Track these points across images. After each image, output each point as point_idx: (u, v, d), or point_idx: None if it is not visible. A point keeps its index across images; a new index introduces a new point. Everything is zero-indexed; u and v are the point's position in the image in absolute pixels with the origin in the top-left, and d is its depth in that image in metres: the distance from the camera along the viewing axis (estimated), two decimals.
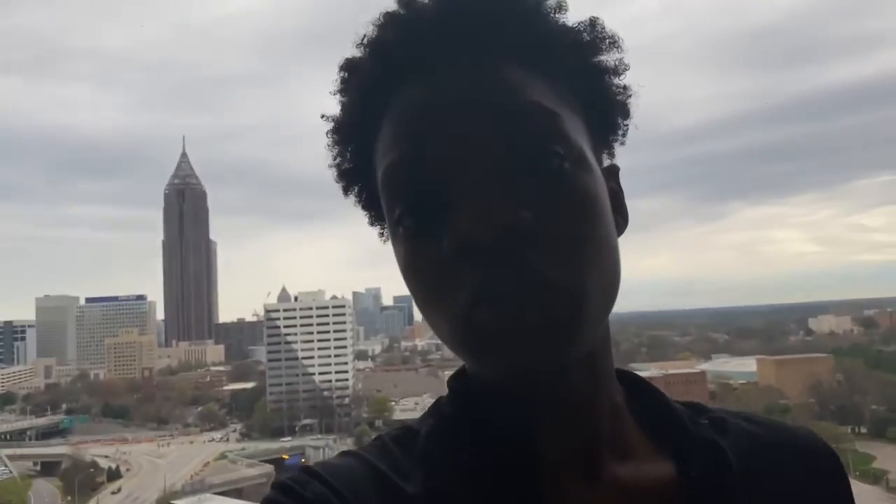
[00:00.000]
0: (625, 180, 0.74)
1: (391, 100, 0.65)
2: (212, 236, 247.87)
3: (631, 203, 0.72)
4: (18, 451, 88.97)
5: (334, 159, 0.73)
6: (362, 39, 0.68)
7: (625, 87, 0.71)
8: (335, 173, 0.73)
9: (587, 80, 0.68)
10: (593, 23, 0.68)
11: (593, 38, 0.68)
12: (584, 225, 0.60)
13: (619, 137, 0.74)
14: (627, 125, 0.73)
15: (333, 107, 0.71)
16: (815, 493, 0.73)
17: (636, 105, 0.72)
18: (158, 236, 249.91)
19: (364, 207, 0.75)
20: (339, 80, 0.70)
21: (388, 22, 0.66)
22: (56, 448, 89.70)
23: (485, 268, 0.56)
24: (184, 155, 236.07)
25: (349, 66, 0.69)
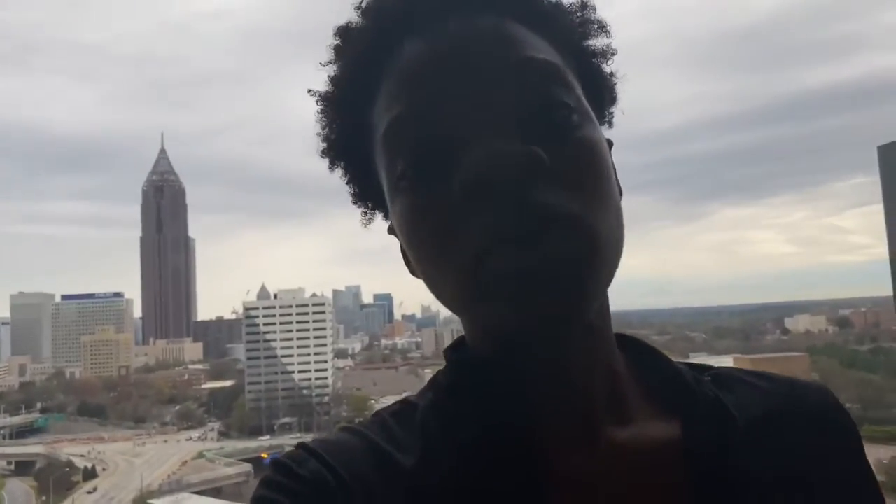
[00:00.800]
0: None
1: (389, 61, 0.63)
2: (190, 233, 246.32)
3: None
4: None
5: (323, 129, 0.71)
6: (359, 4, 0.67)
7: (611, 73, 0.71)
8: (323, 146, 0.72)
9: (581, 61, 0.68)
10: (584, 5, 0.68)
11: (583, 21, 0.68)
12: (595, 171, 0.60)
13: (607, 123, 0.73)
14: (613, 112, 0.73)
15: (311, 106, 0.70)
16: (823, 448, 0.71)
17: (622, 93, 0.72)
18: (136, 233, 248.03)
19: (350, 182, 0.73)
20: (332, 47, 0.69)
21: None
22: (31, 447, 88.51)
23: (500, 205, 0.54)
24: (162, 151, 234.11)
25: (344, 32, 0.68)
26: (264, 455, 76.60)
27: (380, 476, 0.63)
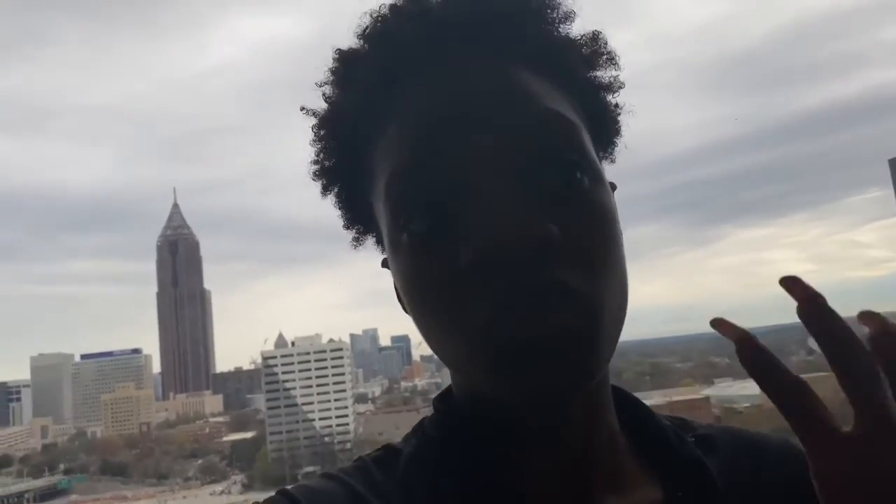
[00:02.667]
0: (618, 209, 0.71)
1: (395, 97, 0.61)
2: (206, 285, 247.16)
3: (624, 231, 0.68)
4: None
5: (317, 155, 0.69)
6: (363, 31, 0.64)
7: (617, 105, 0.70)
8: (315, 170, 0.70)
9: (588, 94, 0.66)
10: (596, 37, 0.66)
11: (593, 52, 0.67)
12: (604, 240, 0.58)
13: (610, 156, 0.73)
14: (617, 143, 0.72)
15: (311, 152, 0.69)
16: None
17: (627, 126, 0.70)
18: (152, 288, 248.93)
19: (342, 208, 0.72)
20: (332, 70, 0.66)
21: (396, 14, 0.62)
22: None
23: (509, 280, 0.53)
24: (175, 206, 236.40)
25: (348, 58, 0.65)
26: None
27: None
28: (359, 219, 0.71)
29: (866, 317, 0.51)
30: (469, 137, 0.57)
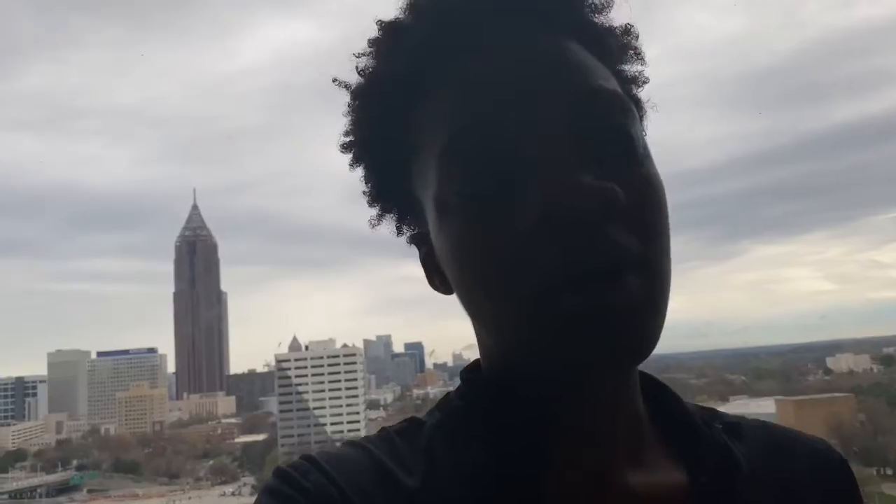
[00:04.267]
0: None
1: (447, 64, 0.61)
2: (223, 287, 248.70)
3: None
4: None
5: (352, 124, 0.68)
6: (407, 5, 0.65)
7: (639, 101, 0.70)
8: (346, 142, 0.69)
9: (621, 83, 0.66)
10: (628, 30, 0.67)
11: (625, 45, 0.67)
12: (658, 210, 0.59)
13: None
14: None
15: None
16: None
17: (652, 126, 0.70)
18: (169, 288, 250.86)
19: (371, 180, 0.71)
20: (373, 41, 0.66)
21: None
22: None
23: (574, 240, 0.53)
24: (194, 207, 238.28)
25: (393, 29, 0.65)
26: None
27: (382, 494, 0.61)
28: (385, 194, 0.71)
29: None
30: (530, 104, 0.57)
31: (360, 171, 0.71)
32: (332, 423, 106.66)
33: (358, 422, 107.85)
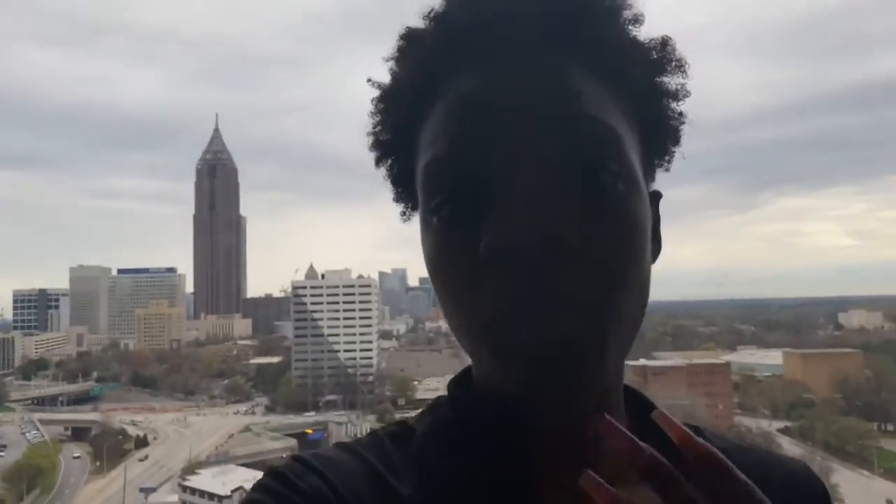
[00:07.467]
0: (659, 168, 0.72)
1: (448, 81, 0.62)
2: (242, 211, 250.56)
3: (664, 192, 0.70)
4: (50, 415, 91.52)
5: (374, 127, 0.70)
6: (429, 12, 0.65)
7: (680, 114, 0.69)
8: (371, 141, 0.71)
9: (648, 100, 0.66)
10: (665, 42, 0.66)
11: (661, 58, 0.66)
12: (624, 250, 0.58)
13: (666, 164, 0.72)
14: (675, 152, 0.71)
15: (364, 92, 0.69)
16: None
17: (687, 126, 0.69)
18: (190, 210, 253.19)
19: (393, 182, 0.73)
20: (396, 47, 0.68)
21: (463, 1, 0.63)
22: (86, 414, 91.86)
23: (523, 279, 0.54)
24: (216, 131, 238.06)
25: (410, 36, 0.67)
26: (309, 431, 78.02)
27: (378, 501, 0.62)
28: (407, 194, 0.72)
29: (678, 436, 0.50)
30: (507, 133, 0.58)
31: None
32: (345, 350, 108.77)
33: (371, 350, 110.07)
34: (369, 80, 0.70)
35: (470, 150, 0.58)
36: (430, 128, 0.63)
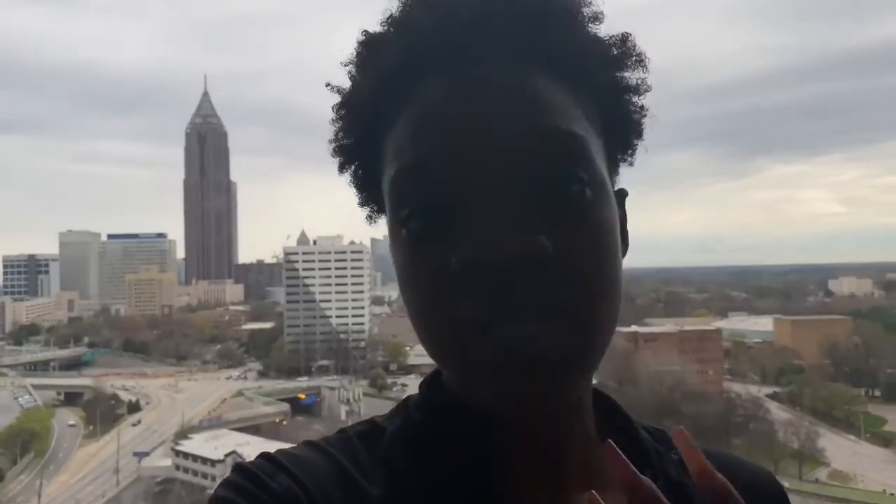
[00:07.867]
0: (651, 133, 0.71)
1: (411, 87, 0.61)
2: (232, 177, 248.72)
3: (655, 158, 0.73)
4: (43, 381, 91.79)
5: (336, 134, 0.70)
6: (388, 18, 0.64)
7: (642, 107, 0.69)
8: (333, 147, 0.70)
9: (610, 98, 0.66)
10: (625, 38, 0.66)
11: (622, 54, 0.66)
12: (599, 257, 0.59)
13: (629, 158, 0.72)
14: (637, 146, 0.72)
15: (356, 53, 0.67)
16: None
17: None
18: (180, 175, 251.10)
19: (357, 187, 0.72)
20: (356, 53, 0.66)
21: (422, 4, 0.62)
22: (79, 379, 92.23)
23: (495, 292, 0.54)
24: (205, 94, 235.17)
25: (371, 42, 0.65)
26: (301, 396, 78.42)
27: (347, 500, 0.62)
28: (372, 199, 0.72)
29: (689, 454, 0.50)
30: (473, 144, 0.57)
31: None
32: (337, 316, 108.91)
33: (363, 316, 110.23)
34: (328, 85, 0.69)
35: (437, 164, 0.58)
36: (395, 137, 0.62)
